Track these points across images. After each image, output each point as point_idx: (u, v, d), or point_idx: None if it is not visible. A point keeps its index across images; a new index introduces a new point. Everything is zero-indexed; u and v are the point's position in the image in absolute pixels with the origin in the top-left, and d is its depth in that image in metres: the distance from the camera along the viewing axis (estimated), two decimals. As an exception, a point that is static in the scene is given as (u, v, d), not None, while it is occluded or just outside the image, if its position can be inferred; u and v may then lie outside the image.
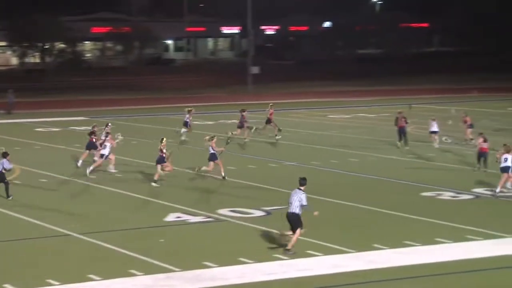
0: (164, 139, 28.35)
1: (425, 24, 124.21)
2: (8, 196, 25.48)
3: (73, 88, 76.14)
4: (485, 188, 26.69)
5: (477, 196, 25.78)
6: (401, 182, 28.44)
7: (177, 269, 18.04)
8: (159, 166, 28.00)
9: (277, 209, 23.96)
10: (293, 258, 18.76)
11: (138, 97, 67.83)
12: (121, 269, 18.07)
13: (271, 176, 29.55)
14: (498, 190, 25.54)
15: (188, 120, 39.13)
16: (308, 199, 19.34)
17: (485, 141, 29.62)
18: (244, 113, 38.42)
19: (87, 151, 31.50)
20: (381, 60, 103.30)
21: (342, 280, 17.50)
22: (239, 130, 38.18)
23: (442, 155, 34.03)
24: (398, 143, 36.19)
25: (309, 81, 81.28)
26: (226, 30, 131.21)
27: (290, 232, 19.27)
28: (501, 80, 77.35)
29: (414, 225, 22.04)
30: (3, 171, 25.46)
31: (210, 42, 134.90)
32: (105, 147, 29.99)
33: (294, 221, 19.15)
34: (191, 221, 22.75)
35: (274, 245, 19.82)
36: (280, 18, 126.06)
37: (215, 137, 29.39)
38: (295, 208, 19.17)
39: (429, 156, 33.75)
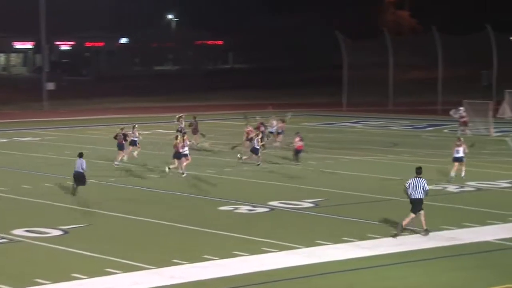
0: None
1: (220, 41, 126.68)
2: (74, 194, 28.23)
3: None
4: (280, 201, 27.55)
5: (272, 209, 26.56)
6: (199, 197, 28.80)
7: (-31, 294, 17.35)
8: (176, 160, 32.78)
9: (75, 227, 23.60)
10: (92, 277, 18.55)
11: None
12: None
13: (68, 194, 29.00)
14: None
15: (182, 127, 41.70)
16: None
17: (301, 140, 35.48)
18: (195, 120, 42.22)
19: (121, 151, 35.56)
20: (177, 77, 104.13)
21: (142, 296, 17.50)
22: (195, 136, 40.90)
23: (239, 170, 34.80)
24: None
25: (107, 97, 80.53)
26: (18, 45, 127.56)
27: (413, 215, 22.31)
28: (294, 95, 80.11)
29: (212, 239, 22.40)
30: (82, 170, 28.00)
31: (1, 57, 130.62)
32: (183, 147, 32.92)
33: (419, 204, 22.22)
34: (-16, 243, 21.93)
35: (72, 265, 19.50)
36: (75, 33, 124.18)
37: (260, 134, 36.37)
38: (420, 194, 22.23)
39: (226, 171, 34.41)
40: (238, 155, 37.11)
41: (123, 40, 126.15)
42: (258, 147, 35.61)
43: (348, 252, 20.86)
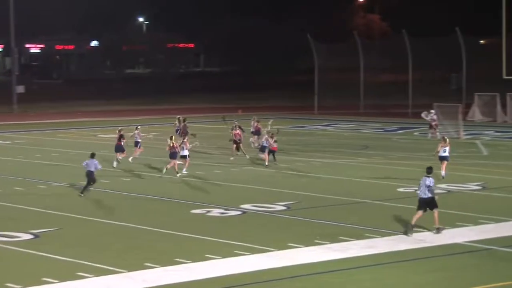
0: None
1: (191, 44, 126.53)
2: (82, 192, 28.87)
3: None
4: (252, 204, 27.58)
5: (245, 212, 26.59)
6: (172, 200, 28.76)
7: None
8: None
9: (46, 231, 23.46)
10: (63, 281, 18.46)
11: None
12: None
13: (39, 198, 28.84)
14: None
15: (179, 128, 41.93)
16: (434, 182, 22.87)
17: (275, 141, 36.25)
18: (185, 123, 42.08)
19: (117, 153, 35.66)
20: (149, 80, 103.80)
21: (114, 300, 17.45)
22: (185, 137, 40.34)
23: (212, 173, 34.79)
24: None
25: (78, 100, 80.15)
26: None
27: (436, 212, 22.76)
28: (265, 98, 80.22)
29: (185, 242, 22.37)
30: (93, 170, 28.73)
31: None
32: (182, 148, 33.30)
33: (432, 203, 22.71)
34: (-46, 247, 21.73)
35: (45, 268, 19.39)
36: (45, 36, 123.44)
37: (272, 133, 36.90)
38: (424, 193, 22.61)
39: (199, 174, 34.37)
40: (247, 156, 38.04)
41: (94, 43, 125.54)
42: (266, 145, 36.09)
43: (320, 254, 20.93)
